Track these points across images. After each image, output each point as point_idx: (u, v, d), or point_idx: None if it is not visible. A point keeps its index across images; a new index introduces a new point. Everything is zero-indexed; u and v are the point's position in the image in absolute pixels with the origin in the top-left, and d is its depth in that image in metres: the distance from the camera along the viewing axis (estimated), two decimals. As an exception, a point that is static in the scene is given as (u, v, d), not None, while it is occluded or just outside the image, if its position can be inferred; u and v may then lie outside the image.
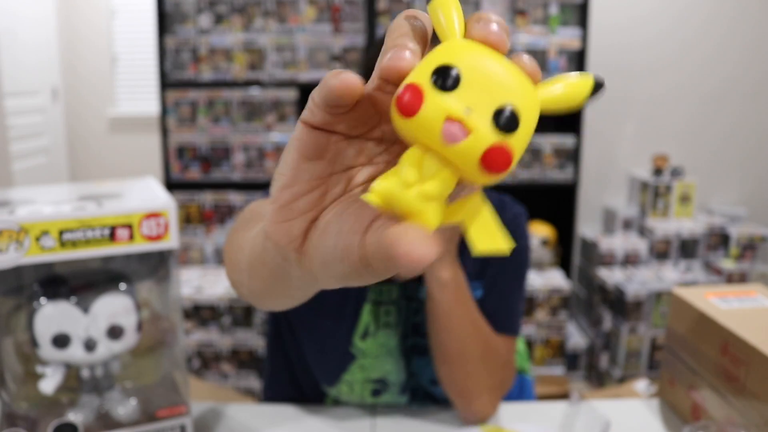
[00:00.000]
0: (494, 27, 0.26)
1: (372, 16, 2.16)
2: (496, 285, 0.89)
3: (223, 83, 2.24)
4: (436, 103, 0.25)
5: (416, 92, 0.25)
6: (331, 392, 0.91)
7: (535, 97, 0.27)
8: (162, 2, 2.20)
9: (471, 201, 0.28)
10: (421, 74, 0.26)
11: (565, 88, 0.27)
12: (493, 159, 0.25)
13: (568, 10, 2.24)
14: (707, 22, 2.65)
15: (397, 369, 0.89)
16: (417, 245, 0.25)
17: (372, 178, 0.32)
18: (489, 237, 0.28)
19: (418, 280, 0.86)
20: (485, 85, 0.26)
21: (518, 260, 0.91)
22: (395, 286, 0.87)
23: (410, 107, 0.25)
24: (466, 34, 0.27)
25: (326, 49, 2.21)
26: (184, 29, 2.22)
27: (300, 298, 0.43)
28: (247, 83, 2.24)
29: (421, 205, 0.27)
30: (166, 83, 2.24)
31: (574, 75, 0.27)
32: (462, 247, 0.85)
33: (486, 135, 0.25)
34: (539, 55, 2.24)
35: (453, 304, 0.79)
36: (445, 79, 0.25)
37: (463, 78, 0.26)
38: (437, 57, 0.26)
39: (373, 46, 1.00)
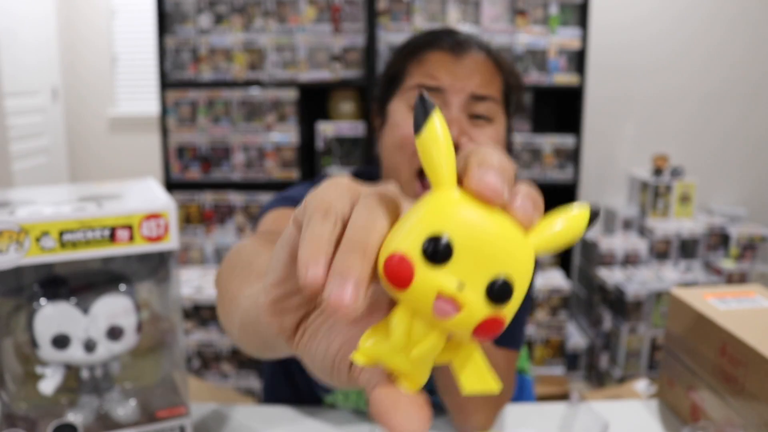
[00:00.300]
0: (492, 180, 0.25)
1: (372, 16, 2.17)
2: None
3: (223, 83, 2.24)
4: (427, 279, 0.24)
5: (406, 265, 0.24)
6: (327, 399, 0.90)
7: (529, 253, 0.26)
8: (162, 2, 2.20)
9: (460, 343, 0.28)
10: (410, 241, 0.25)
11: (560, 232, 0.26)
12: (484, 331, 0.25)
13: (568, 10, 2.24)
14: (707, 22, 2.66)
15: None
16: (408, 418, 0.26)
17: None
18: (478, 378, 0.28)
19: None
20: (478, 254, 0.24)
21: None
22: None
23: (400, 281, 0.24)
24: (463, 177, 0.25)
25: (326, 49, 2.21)
26: (184, 29, 2.23)
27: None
28: (247, 83, 2.24)
29: (410, 368, 0.27)
30: (166, 83, 2.24)
31: (570, 211, 0.26)
32: None
33: (479, 309, 0.25)
34: (539, 55, 2.25)
35: None
36: (436, 251, 0.24)
37: (455, 248, 0.24)
38: (427, 220, 0.25)
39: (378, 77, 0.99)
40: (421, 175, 0.78)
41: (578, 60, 2.25)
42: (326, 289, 0.25)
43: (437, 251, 0.24)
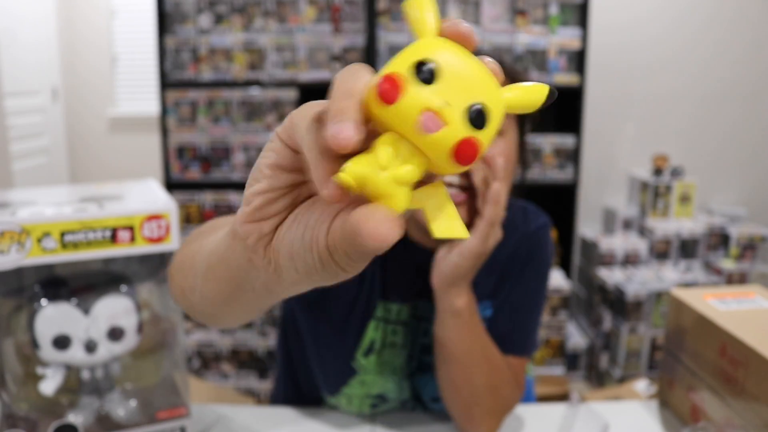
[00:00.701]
0: (464, 25, 0.29)
1: (372, 16, 2.17)
2: (511, 301, 0.85)
3: (223, 83, 2.24)
4: (417, 94, 0.27)
5: (397, 81, 0.27)
6: (330, 401, 0.90)
7: (500, 97, 0.29)
8: (162, 2, 2.20)
9: (433, 188, 0.30)
10: (400, 65, 0.28)
11: (524, 93, 0.30)
12: (463, 151, 0.27)
13: (568, 10, 2.24)
14: (707, 22, 2.66)
15: (399, 388, 0.87)
16: (382, 224, 0.26)
17: None
18: (448, 224, 0.30)
19: (429, 300, 0.83)
20: (460, 81, 0.28)
21: (537, 273, 0.87)
22: (406, 306, 0.85)
23: (390, 95, 0.27)
24: (440, 33, 0.29)
25: (326, 49, 2.21)
26: (184, 29, 2.23)
27: (254, 311, 0.43)
28: (247, 83, 2.24)
29: (393, 189, 0.28)
30: (166, 83, 2.24)
31: (533, 83, 0.30)
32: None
33: (459, 128, 0.27)
34: (539, 55, 2.25)
35: (464, 333, 0.76)
36: (425, 72, 0.27)
37: (440, 73, 0.27)
38: (416, 51, 0.28)
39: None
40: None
41: (578, 60, 2.25)
42: (326, 131, 0.27)
43: (424, 71, 0.27)
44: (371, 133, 0.29)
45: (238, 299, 0.41)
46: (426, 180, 0.30)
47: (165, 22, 2.22)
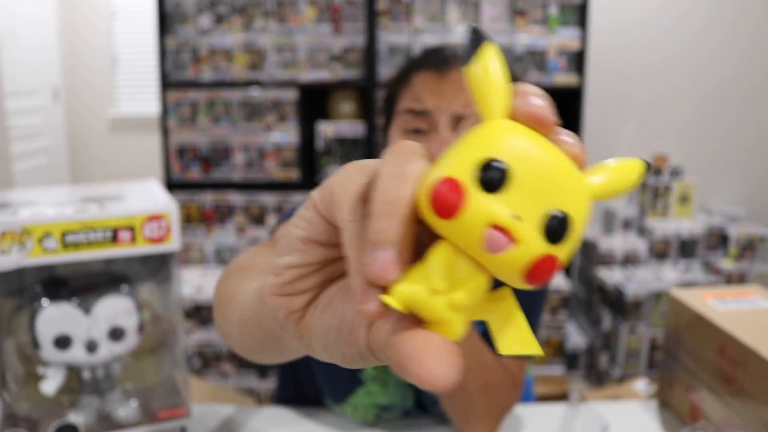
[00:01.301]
0: (539, 102, 0.23)
1: (372, 16, 2.17)
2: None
3: (223, 83, 2.25)
4: (481, 207, 0.22)
5: (458, 191, 0.22)
6: (335, 409, 0.90)
7: (585, 194, 0.24)
8: (162, 3, 2.20)
9: (499, 297, 0.25)
10: (461, 166, 0.22)
11: (615, 177, 0.25)
12: (537, 271, 0.22)
13: (568, 11, 2.24)
14: (706, 23, 2.66)
15: (403, 398, 0.87)
16: (437, 364, 0.22)
17: None
18: (517, 339, 0.25)
19: None
20: (535, 185, 0.22)
21: None
22: None
23: (450, 209, 0.22)
24: (510, 113, 0.24)
25: (326, 50, 2.22)
26: (184, 30, 2.23)
27: (292, 358, 0.41)
28: (248, 83, 2.24)
29: (448, 315, 0.23)
30: (166, 83, 2.24)
31: (622, 160, 0.25)
32: None
33: (534, 246, 0.22)
34: (539, 56, 2.25)
35: None
36: (492, 177, 0.22)
37: (511, 175, 0.22)
38: (480, 145, 0.23)
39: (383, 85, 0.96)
40: None
41: (578, 60, 2.25)
42: (366, 262, 0.23)
43: (493, 177, 0.22)
44: (426, 234, 0.24)
45: (275, 351, 0.38)
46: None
47: (165, 22, 2.23)
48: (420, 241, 0.25)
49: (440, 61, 0.80)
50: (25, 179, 3.18)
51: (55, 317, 0.66)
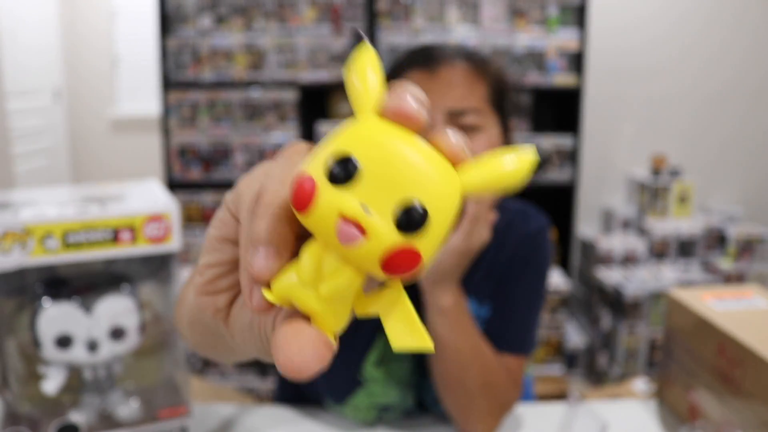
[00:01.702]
0: (407, 100, 0.23)
1: (372, 16, 2.17)
2: (510, 301, 0.85)
3: (223, 84, 2.25)
4: (329, 200, 0.22)
5: (309, 186, 0.23)
6: (335, 409, 0.90)
7: (453, 185, 0.24)
8: (163, 3, 2.21)
9: (387, 292, 0.26)
10: (316, 163, 0.23)
11: (495, 169, 0.24)
12: (395, 262, 0.23)
13: (567, 12, 2.24)
14: (705, 24, 2.66)
15: (404, 398, 0.87)
16: (300, 355, 0.23)
17: None
18: (408, 332, 0.25)
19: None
20: (389, 176, 0.23)
21: (536, 275, 0.86)
22: None
23: (302, 202, 0.23)
24: (380, 110, 0.24)
25: (326, 50, 2.22)
26: (185, 30, 2.23)
27: (242, 358, 0.41)
28: (248, 84, 2.24)
29: (321, 307, 0.24)
30: (167, 84, 2.25)
31: (509, 153, 0.24)
32: (473, 267, 0.82)
33: (385, 236, 0.22)
34: (538, 56, 2.25)
35: (452, 331, 0.75)
36: (339, 171, 0.23)
37: (363, 169, 0.23)
38: (335, 141, 0.23)
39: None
40: None
41: (577, 61, 2.26)
42: (248, 261, 0.25)
43: (338, 171, 0.23)
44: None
45: (223, 349, 0.40)
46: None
47: (166, 23, 2.23)
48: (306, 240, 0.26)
49: (429, 58, 0.80)
50: (26, 180, 3.18)
51: (56, 317, 0.66)
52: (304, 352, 0.24)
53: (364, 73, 0.25)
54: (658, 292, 2.32)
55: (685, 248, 2.50)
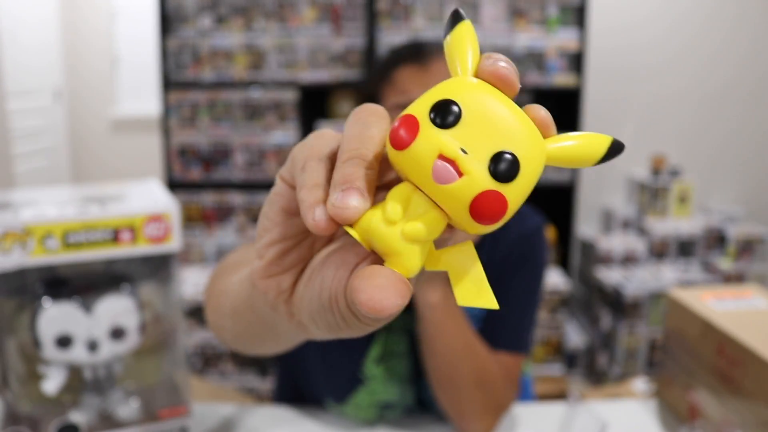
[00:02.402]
0: (503, 64, 0.25)
1: (372, 17, 2.17)
2: (506, 299, 0.83)
3: (223, 84, 2.25)
4: (430, 139, 0.24)
5: (411, 124, 0.24)
6: (337, 409, 0.90)
7: (541, 148, 0.25)
8: (163, 3, 2.21)
9: (460, 249, 0.27)
10: (420, 107, 0.25)
11: (577, 145, 0.26)
12: (484, 206, 0.24)
13: (567, 12, 2.24)
14: (705, 24, 2.66)
15: (404, 395, 0.87)
16: (381, 292, 0.23)
17: None
18: (475, 292, 0.27)
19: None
20: (487, 127, 0.24)
21: (532, 274, 0.87)
22: (409, 314, 0.84)
23: (402, 140, 0.24)
24: (476, 73, 0.26)
25: (327, 50, 2.22)
26: (185, 30, 2.23)
27: (288, 345, 0.41)
28: (248, 84, 2.24)
29: (402, 246, 0.25)
30: (167, 84, 2.25)
31: (591, 133, 0.26)
32: None
33: (480, 179, 0.24)
34: (538, 57, 2.25)
35: (442, 327, 0.75)
36: (443, 114, 0.24)
37: (464, 116, 0.24)
38: (440, 91, 0.25)
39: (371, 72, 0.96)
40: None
41: (577, 61, 2.26)
42: (329, 199, 0.25)
43: (444, 113, 0.24)
44: (396, 180, 0.26)
45: (269, 339, 0.39)
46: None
47: (166, 23, 2.23)
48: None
49: (419, 53, 0.80)
50: (26, 180, 3.18)
51: (56, 317, 0.66)
52: (385, 289, 0.24)
53: (464, 42, 0.26)
54: (658, 292, 2.32)
55: (684, 248, 2.50)
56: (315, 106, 2.35)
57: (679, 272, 2.45)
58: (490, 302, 0.27)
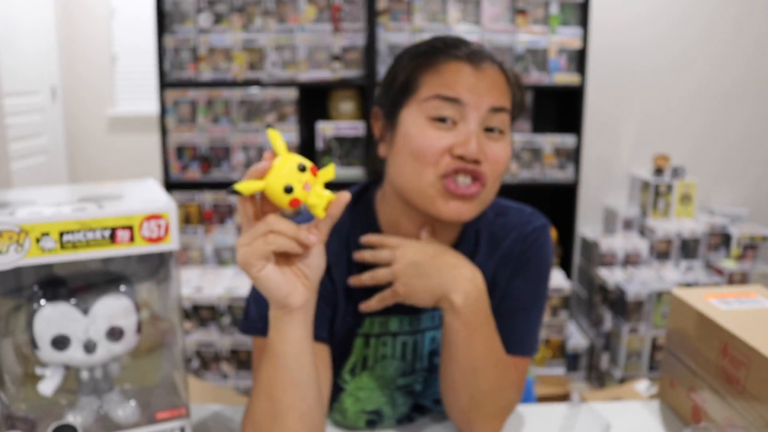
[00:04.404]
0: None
1: (372, 15, 2.16)
2: (511, 302, 0.84)
3: (222, 83, 2.24)
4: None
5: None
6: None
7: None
8: (161, 2, 2.20)
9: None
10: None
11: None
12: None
13: (569, 10, 2.24)
14: (709, 22, 2.65)
15: (393, 403, 0.86)
16: None
17: None
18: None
19: (419, 311, 0.83)
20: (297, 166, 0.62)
21: (537, 276, 0.85)
22: (394, 318, 0.83)
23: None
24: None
25: (326, 49, 2.21)
26: (183, 29, 2.22)
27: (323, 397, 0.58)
28: (247, 83, 2.23)
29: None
30: (165, 83, 2.24)
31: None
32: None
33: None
34: (539, 55, 2.24)
35: (464, 335, 0.74)
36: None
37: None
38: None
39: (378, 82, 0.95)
40: (445, 176, 0.75)
41: (578, 59, 2.25)
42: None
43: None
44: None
45: (293, 383, 0.62)
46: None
47: (164, 21, 2.22)
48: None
49: (471, 53, 0.79)
50: (23, 178, 3.17)
51: (53, 317, 0.65)
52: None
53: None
54: (661, 292, 2.32)
55: (687, 248, 2.49)
56: (314, 105, 2.34)
57: (682, 273, 2.44)
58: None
